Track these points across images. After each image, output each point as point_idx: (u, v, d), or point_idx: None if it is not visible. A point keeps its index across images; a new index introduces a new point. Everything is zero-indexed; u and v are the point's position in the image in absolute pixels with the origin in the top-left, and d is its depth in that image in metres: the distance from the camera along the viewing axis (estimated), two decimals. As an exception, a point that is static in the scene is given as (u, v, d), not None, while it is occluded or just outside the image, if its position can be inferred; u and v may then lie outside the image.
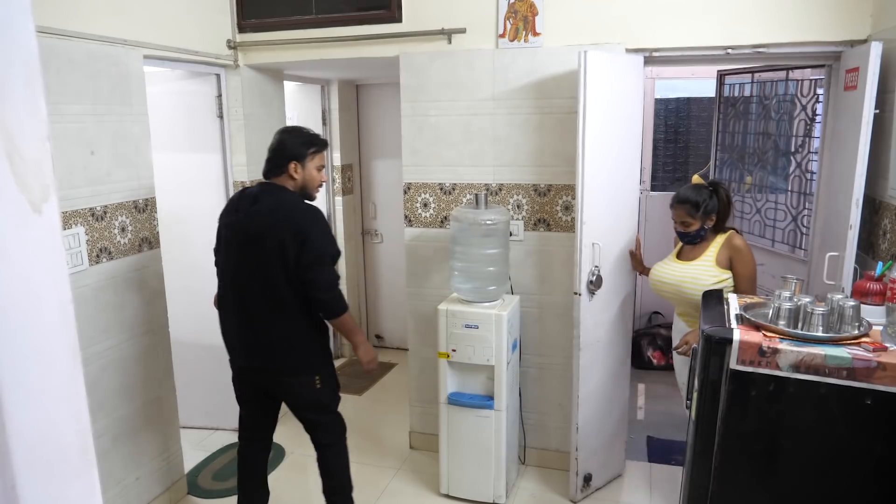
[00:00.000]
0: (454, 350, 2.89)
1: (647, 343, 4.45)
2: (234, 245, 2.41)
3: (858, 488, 1.72)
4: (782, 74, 3.53)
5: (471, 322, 2.86)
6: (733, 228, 2.68)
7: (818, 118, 3.25)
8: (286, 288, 2.34)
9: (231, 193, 3.39)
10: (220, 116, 3.43)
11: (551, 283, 3.15)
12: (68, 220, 2.42)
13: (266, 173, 2.47)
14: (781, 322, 1.81)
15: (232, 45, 3.38)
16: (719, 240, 2.63)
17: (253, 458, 2.66)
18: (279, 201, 2.39)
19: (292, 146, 2.43)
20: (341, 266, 4.77)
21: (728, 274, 2.59)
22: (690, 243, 2.69)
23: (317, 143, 2.47)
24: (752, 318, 1.86)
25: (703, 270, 2.61)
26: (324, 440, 2.58)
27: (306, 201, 2.44)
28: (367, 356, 2.51)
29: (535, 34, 2.96)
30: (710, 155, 4.08)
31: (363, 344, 2.51)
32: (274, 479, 3.24)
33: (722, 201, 2.61)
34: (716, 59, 3.07)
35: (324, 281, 2.35)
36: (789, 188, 3.54)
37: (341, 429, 2.62)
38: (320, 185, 2.51)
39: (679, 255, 2.76)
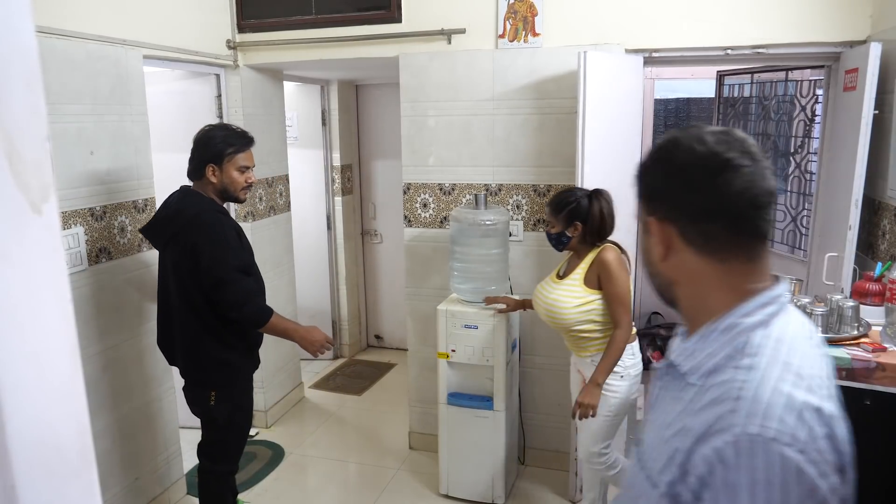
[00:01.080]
0: (454, 350, 2.89)
1: (646, 343, 4.44)
2: (158, 248, 2.44)
3: (858, 489, 1.72)
4: (782, 75, 3.53)
5: (470, 322, 2.86)
6: (612, 242, 2.37)
7: (817, 119, 3.25)
8: (182, 297, 2.29)
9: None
10: (220, 116, 3.43)
11: (551, 284, 3.14)
12: (68, 220, 2.42)
13: (188, 175, 2.36)
14: (781, 322, 1.81)
15: (231, 46, 3.38)
16: (591, 256, 2.34)
17: None
18: (180, 211, 2.28)
19: (207, 147, 2.26)
20: (340, 266, 4.77)
21: (596, 294, 2.32)
22: (556, 248, 2.46)
23: (237, 143, 2.28)
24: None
25: (568, 291, 2.35)
26: (204, 464, 2.49)
27: (210, 212, 2.27)
28: (312, 346, 2.34)
29: (535, 35, 2.96)
30: (710, 155, 4.08)
31: (303, 338, 2.33)
32: (273, 479, 3.25)
33: (595, 212, 2.30)
34: (715, 60, 3.07)
35: (231, 300, 2.23)
36: (789, 189, 3.54)
37: (224, 475, 2.49)
38: (247, 188, 2.34)
39: (560, 274, 2.47)
